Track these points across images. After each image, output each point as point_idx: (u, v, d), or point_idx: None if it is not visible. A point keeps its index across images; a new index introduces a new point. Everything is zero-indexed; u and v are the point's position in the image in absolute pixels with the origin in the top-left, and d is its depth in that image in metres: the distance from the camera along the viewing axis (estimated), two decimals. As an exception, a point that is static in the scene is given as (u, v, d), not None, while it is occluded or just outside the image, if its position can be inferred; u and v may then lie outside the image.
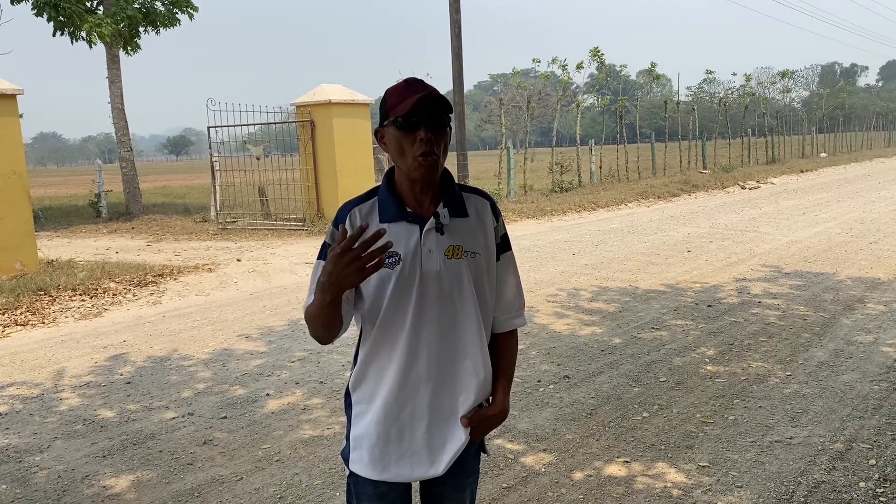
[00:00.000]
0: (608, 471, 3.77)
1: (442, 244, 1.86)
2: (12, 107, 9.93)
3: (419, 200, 1.88)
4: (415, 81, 1.85)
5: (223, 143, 15.39)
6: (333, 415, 4.68)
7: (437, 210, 1.88)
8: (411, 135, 1.80)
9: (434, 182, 1.88)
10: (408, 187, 1.88)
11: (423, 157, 1.80)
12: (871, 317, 6.59)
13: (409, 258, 1.84)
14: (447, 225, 1.87)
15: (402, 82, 1.86)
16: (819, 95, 58.70)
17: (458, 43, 18.93)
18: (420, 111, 1.78)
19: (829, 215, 14.41)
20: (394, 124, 1.81)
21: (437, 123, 1.80)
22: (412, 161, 1.81)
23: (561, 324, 6.70)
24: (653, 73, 32.95)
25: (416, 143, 1.79)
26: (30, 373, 5.82)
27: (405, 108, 1.78)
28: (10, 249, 9.74)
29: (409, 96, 1.80)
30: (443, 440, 1.91)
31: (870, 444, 3.97)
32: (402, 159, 1.83)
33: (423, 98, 1.77)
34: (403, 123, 1.79)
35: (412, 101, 1.77)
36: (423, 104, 1.78)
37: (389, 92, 1.85)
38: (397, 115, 1.79)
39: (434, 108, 1.80)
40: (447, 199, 1.90)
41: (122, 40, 16.72)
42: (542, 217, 15.78)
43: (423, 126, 1.79)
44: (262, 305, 7.93)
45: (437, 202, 1.89)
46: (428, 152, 1.80)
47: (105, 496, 3.70)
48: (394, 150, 1.84)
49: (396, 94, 1.83)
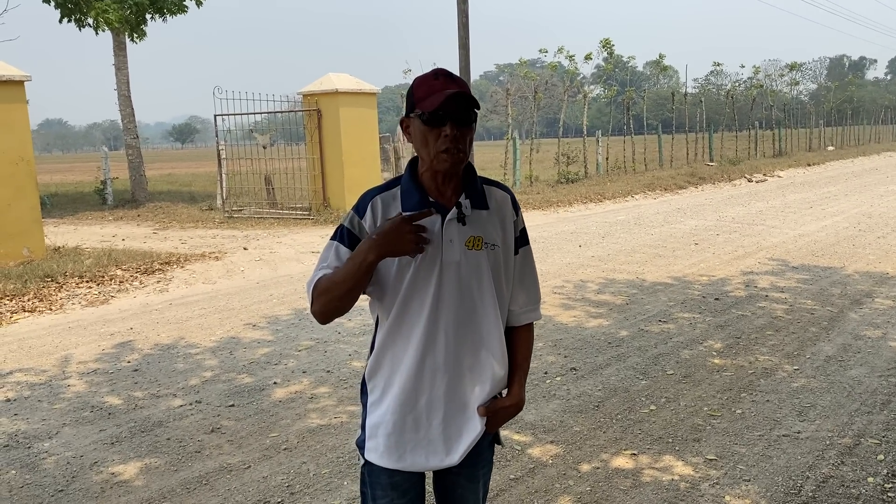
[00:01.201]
0: (615, 463, 3.77)
1: (463, 234, 1.87)
2: (20, 93, 9.92)
3: (441, 191, 1.89)
4: (443, 74, 1.84)
5: (229, 131, 15.37)
6: (341, 404, 4.68)
7: (459, 200, 1.88)
8: (437, 129, 1.80)
9: (457, 174, 1.88)
10: (430, 177, 1.88)
11: (448, 152, 1.80)
12: (879, 311, 6.57)
13: (430, 248, 1.84)
14: (469, 216, 1.87)
15: (431, 73, 1.85)
16: (827, 88, 58.25)
17: (466, 33, 18.83)
18: (447, 107, 1.78)
19: (837, 209, 14.34)
20: (420, 118, 1.81)
21: (463, 119, 1.80)
22: (436, 155, 1.81)
23: (567, 316, 6.70)
24: (660, 64, 32.71)
25: (441, 139, 1.79)
26: (37, 359, 5.85)
27: (433, 105, 1.77)
28: (17, 236, 9.76)
29: (436, 89, 1.79)
30: (458, 430, 1.92)
31: (878, 439, 3.97)
32: (426, 152, 1.84)
33: (451, 96, 1.77)
34: (430, 119, 1.79)
35: (440, 99, 1.77)
36: (451, 101, 1.78)
37: (417, 83, 1.85)
38: (424, 110, 1.79)
39: (462, 105, 1.79)
40: (469, 190, 1.90)
41: (128, 27, 16.67)
42: (548, 208, 15.75)
43: (449, 122, 1.79)
44: (269, 294, 7.94)
45: (458, 193, 1.89)
46: (453, 148, 1.80)
47: (113, 483, 3.72)
48: (419, 143, 1.84)
49: (424, 87, 1.82)
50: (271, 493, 3.55)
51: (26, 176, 9.94)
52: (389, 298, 1.87)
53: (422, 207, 1.85)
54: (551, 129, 42.36)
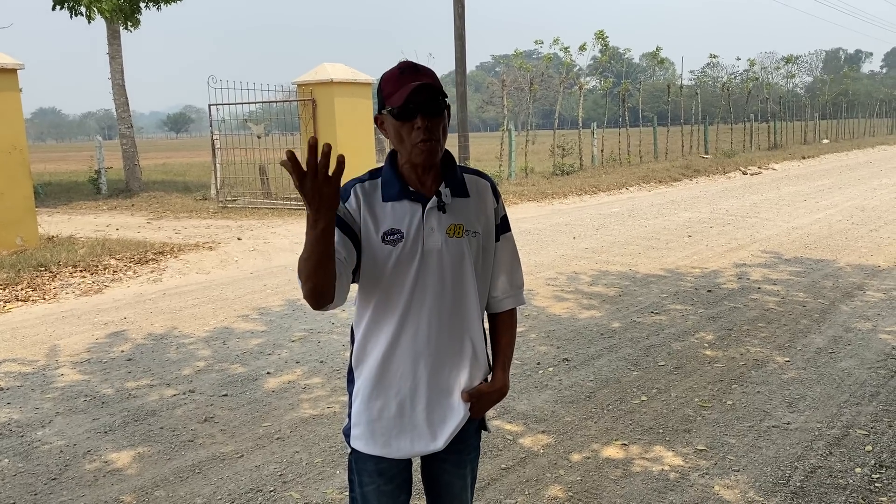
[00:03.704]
0: (606, 453, 3.80)
1: (444, 223, 1.89)
2: (13, 81, 9.87)
3: (422, 181, 1.91)
4: (408, 68, 1.85)
5: (224, 121, 15.33)
6: (333, 394, 4.70)
7: (439, 189, 1.90)
8: (409, 123, 1.81)
9: (435, 164, 1.90)
10: (410, 169, 1.90)
11: (423, 143, 1.82)
12: (870, 304, 6.61)
13: (411, 236, 1.86)
14: (449, 204, 1.90)
15: (396, 68, 1.86)
16: (822, 81, 58.25)
17: (461, 23, 18.80)
18: (415, 99, 1.79)
19: (831, 202, 14.39)
20: (391, 114, 1.83)
21: (433, 110, 1.82)
22: (412, 148, 1.83)
23: (560, 307, 6.72)
24: (656, 56, 32.66)
25: (414, 131, 1.81)
26: (30, 348, 5.84)
27: (400, 99, 1.79)
28: (10, 225, 9.74)
29: (402, 84, 1.80)
30: (442, 415, 1.94)
31: (866, 430, 4.00)
32: (402, 146, 1.86)
33: (416, 88, 1.78)
34: (400, 113, 1.81)
35: (405, 92, 1.78)
36: (418, 92, 1.79)
37: (384, 79, 1.86)
38: (393, 106, 1.81)
39: (429, 95, 1.80)
40: (449, 179, 1.93)
41: (122, 15, 16.57)
42: (542, 200, 15.76)
43: (419, 114, 1.80)
44: (263, 284, 7.94)
45: (439, 182, 1.91)
46: (427, 139, 1.81)
47: (107, 471, 3.73)
48: (394, 138, 1.86)
49: (391, 83, 1.84)
50: (263, 482, 3.57)
51: (19, 165, 9.90)
52: (372, 287, 1.89)
53: (402, 196, 1.87)
54: (547, 120, 42.37)
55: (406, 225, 1.86)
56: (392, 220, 1.86)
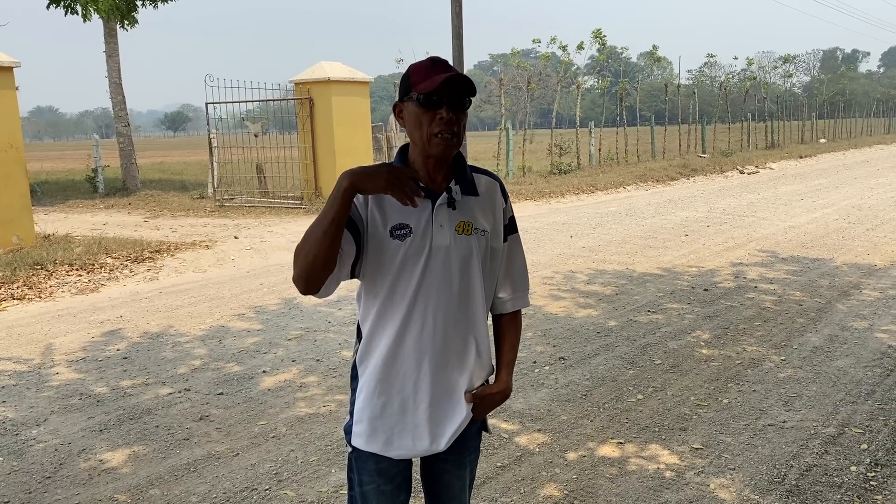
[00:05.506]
0: (602, 451, 3.80)
1: (453, 219, 1.88)
2: (9, 80, 9.85)
3: (432, 177, 1.89)
4: (440, 61, 1.85)
5: (221, 119, 15.29)
6: (329, 393, 4.70)
7: (449, 185, 1.89)
8: (431, 112, 1.80)
9: (448, 160, 1.89)
10: (421, 163, 1.88)
11: (442, 135, 1.81)
12: (866, 303, 6.62)
13: (419, 231, 1.85)
14: (459, 201, 1.89)
15: (428, 60, 1.86)
16: (820, 81, 58.51)
17: (459, 22, 18.77)
18: (444, 90, 1.79)
19: (827, 201, 14.41)
20: (416, 100, 1.81)
21: (459, 104, 1.82)
22: (430, 137, 1.82)
23: (557, 306, 6.72)
24: (654, 55, 32.72)
25: (435, 121, 1.80)
26: (26, 347, 5.83)
27: (430, 86, 1.78)
28: (6, 223, 9.71)
29: (433, 74, 1.80)
30: (445, 416, 1.92)
31: (862, 428, 4.00)
32: (419, 135, 1.84)
33: (449, 79, 1.78)
34: (425, 100, 1.80)
35: (439, 80, 1.77)
36: (450, 84, 1.79)
37: (413, 68, 1.85)
38: (420, 92, 1.80)
39: (458, 89, 1.81)
40: (459, 177, 1.92)
41: (118, 14, 16.53)
42: (540, 199, 15.76)
43: (445, 105, 1.80)
44: (259, 283, 7.93)
45: (449, 180, 1.91)
46: (447, 131, 1.81)
47: (101, 470, 3.72)
48: (412, 125, 1.84)
49: (421, 71, 1.83)
50: (259, 481, 3.56)
51: (15, 163, 9.88)
52: (379, 282, 1.88)
53: None
54: (545, 119, 42.38)
55: (415, 220, 1.85)
56: (401, 215, 1.85)
